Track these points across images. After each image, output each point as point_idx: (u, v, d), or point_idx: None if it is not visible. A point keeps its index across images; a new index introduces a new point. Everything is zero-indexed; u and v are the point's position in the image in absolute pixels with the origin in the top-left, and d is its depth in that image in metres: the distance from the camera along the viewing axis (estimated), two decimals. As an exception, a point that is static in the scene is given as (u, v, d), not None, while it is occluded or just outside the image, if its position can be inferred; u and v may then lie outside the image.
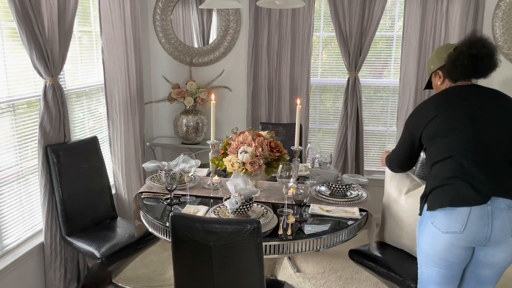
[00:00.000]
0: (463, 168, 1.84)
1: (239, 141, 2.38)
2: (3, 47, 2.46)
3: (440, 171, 1.90)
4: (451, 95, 1.99)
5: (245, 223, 1.72)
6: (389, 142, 4.07)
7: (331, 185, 2.43)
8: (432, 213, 1.88)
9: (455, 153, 1.87)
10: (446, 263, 1.90)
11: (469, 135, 1.87)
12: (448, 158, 1.89)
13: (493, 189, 1.80)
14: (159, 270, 3.24)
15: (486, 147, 1.86)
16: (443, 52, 2.07)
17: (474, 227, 1.79)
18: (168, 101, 3.91)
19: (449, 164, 1.88)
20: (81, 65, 3.23)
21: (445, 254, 1.88)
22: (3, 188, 2.51)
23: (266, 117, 3.98)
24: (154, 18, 4.09)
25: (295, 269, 3.29)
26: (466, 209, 1.79)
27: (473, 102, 1.93)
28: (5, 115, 2.50)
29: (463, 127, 1.88)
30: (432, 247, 1.90)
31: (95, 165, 2.92)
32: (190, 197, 2.41)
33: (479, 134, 1.87)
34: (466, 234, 1.81)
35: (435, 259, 1.92)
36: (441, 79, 2.09)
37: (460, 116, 1.90)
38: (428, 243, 1.92)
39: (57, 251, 2.75)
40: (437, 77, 2.12)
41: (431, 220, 1.89)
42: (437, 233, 1.87)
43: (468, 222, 1.79)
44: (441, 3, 3.55)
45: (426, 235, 1.92)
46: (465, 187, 1.81)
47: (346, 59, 3.73)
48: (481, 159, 1.85)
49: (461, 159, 1.85)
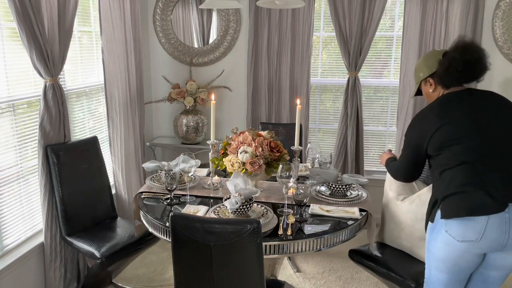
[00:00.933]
0: (477, 175, 1.81)
1: (239, 141, 2.38)
2: (3, 47, 2.46)
3: (452, 178, 1.85)
4: (451, 102, 1.95)
5: (245, 223, 1.72)
6: (389, 142, 4.07)
7: (331, 185, 2.43)
8: (447, 221, 1.83)
9: (466, 160, 1.83)
10: (457, 268, 1.88)
11: (477, 142, 1.84)
12: (459, 165, 1.84)
13: (509, 195, 1.77)
14: (159, 270, 3.24)
15: (495, 152, 1.84)
16: (432, 59, 2.04)
17: (492, 236, 1.77)
18: (168, 101, 3.91)
19: (461, 171, 1.84)
20: (81, 65, 3.23)
21: (458, 261, 1.86)
22: (3, 188, 2.51)
23: (266, 117, 3.98)
24: (154, 18, 4.09)
25: (295, 269, 3.29)
26: (484, 218, 1.76)
27: (474, 107, 1.91)
28: (5, 115, 2.50)
29: (470, 134, 1.85)
30: (444, 254, 1.87)
31: (95, 165, 2.92)
32: (190, 197, 2.40)
33: (487, 140, 1.85)
34: (482, 243, 1.78)
35: (446, 264, 1.89)
36: (433, 87, 2.05)
37: (465, 123, 1.87)
38: (441, 249, 1.88)
39: (57, 251, 2.75)
40: (427, 84, 2.07)
41: (445, 228, 1.84)
42: (451, 241, 1.83)
43: (486, 230, 1.76)
44: (441, 3, 3.55)
45: (439, 242, 1.88)
46: (481, 195, 1.78)
47: (346, 59, 3.73)
48: (493, 164, 1.82)
49: (473, 165, 1.82)
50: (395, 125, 3.96)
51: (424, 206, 2.28)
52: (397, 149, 3.87)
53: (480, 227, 1.76)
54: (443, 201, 1.86)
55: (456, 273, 1.90)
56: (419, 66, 2.12)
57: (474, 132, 1.85)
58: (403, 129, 3.80)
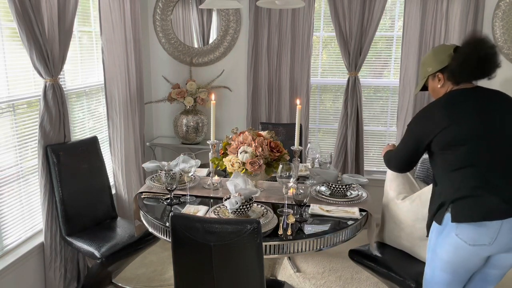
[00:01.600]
0: (487, 178, 1.79)
1: (239, 141, 2.38)
2: (3, 47, 2.46)
3: (462, 180, 1.82)
4: (458, 101, 1.90)
5: (245, 223, 1.72)
6: (389, 142, 4.07)
7: (331, 185, 2.43)
8: (458, 225, 1.80)
9: (475, 163, 1.81)
10: (464, 269, 1.87)
11: (486, 144, 1.82)
12: (469, 167, 1.82)
13: None
14: (159, 270, 3.24)
15: (504, 154, 1.82)
16: (442, 53, 1.98)
17: (504, 239, 1.77)
18: (168, 101, 3.90)
19: (472, 173, 1.81)
20: (81, 65, 3.23)
21: (466, 263, 1.85)
22: (3, 188, 2.51)
23: (266, 117, 3.98)
24: (154, 18, 4.09)
25: (295, 269, 3.29)
26: (498, 223, 1.75)
27: (482, 107, 1.87)
28: (5, 115, 2.50)
29: (479, 135, 1.82)
30: (453, 256, 1.85)
31: (95, 165, 2.92)
32: (190, 197, 2.40)
33: (495, 142, 1.83)
34: (494, 247, 1.78)
35: (454, 266, 1.87)
36: (441, 82, 1.98)
37: (473, 124, 1.84)
38: (449, 252, 1.85)
39: (57, 251, 2.75)
40: (435, 79, 2.01)
41: (455, 232, 1.81)
42: (462, 245, 1.81)
43: (499, 235, 1.75)
44: (441, 3, 3.55)
45: (448, 245, 1.85)
46: (494, 200, 1.76)
47: (346, 59, 3.73)
48: (502, 167, 1.81)
49: (484, 168, 1.80)
50: (395, 125, 3.96)
51: (424, 206, 2.28)
52: (397, 149, 3.87)
53: (493, 232, 1.75)
54: (453, 203, 1.82)
55: (462, 274, 1.90)
56: (428, 61, 2.04)
57: (482, 134, 1.82)
58: (403, 129, 3.80)
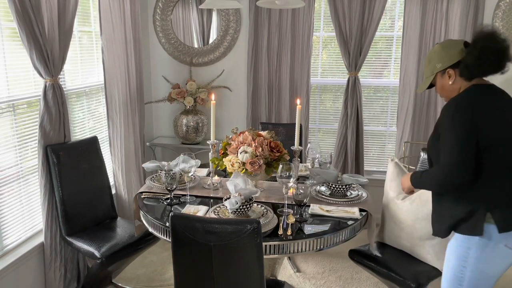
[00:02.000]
0: None
1: (239, 141, 2.38)
2: (3, 47, 2.46)
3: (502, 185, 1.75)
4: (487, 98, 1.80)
5: (245, 223, 1.72)
6: (389, 142, 4.07)
7: (331, 185, 2.43)
8: (508, 235, 1.73)
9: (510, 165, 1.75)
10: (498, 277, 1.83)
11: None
12: (505, 171, 1.75)
13: None
14: (159, 270, 3.24)
15: None
16: (452, 48, 1.87)
17: None
18: (168, 101, 3.91)
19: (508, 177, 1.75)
20: (81, 65, 3.23)
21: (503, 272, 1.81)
22: (3, 188, 2.51)
23: (266, 117, 3.98)
24: (154, 18, 4.09)
25: (295, 269, 3.29)
26: None
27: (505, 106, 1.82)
28: (5, 115, 2.50)
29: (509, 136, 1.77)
30: (501, 268, 1.80)
31: (95, 165, 2.92)
32: (190, 197, 2.40)
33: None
34: None
35: (495, 279, 1.82)
36: (452, 78, 1.87)
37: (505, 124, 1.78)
38: (500, 265, 1.78)
39: (57, 251, 2.75)
40: (445, 76, 1.89)
41: (504, 243, 1.74)
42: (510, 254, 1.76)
43: None
44: (441, 3, 3.55)
45: (495, 258, 1.77)
46: None
47: (346, 59, 3.73)
48: None
49: None
50: (395, 125, 3.96)
51: (424, 206, 2.28)
52: (397, 149, 3.87)
53: None
54: (496, 211, 1.74)
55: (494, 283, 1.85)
56: (437, 57, 1.92)
57: None
58: (403, 129, 3.80)
